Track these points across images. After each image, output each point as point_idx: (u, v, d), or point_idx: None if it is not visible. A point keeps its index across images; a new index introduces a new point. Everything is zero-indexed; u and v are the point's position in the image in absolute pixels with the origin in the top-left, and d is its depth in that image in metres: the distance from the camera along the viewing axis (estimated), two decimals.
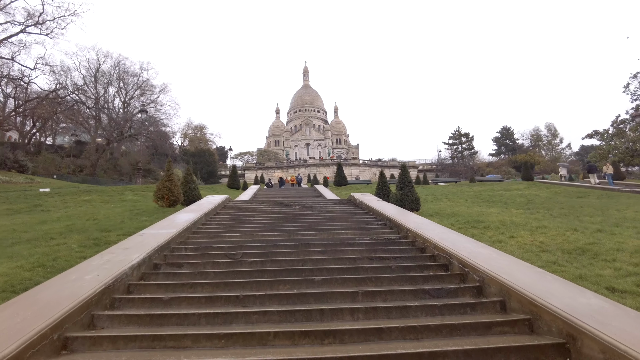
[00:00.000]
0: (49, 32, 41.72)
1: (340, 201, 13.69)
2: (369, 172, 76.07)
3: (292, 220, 9.50)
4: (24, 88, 44.98)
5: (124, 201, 17.73)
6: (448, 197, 21.07)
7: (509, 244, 7.83)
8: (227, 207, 11.90)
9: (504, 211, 14.86)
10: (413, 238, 7.09)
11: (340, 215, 10.25)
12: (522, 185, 27.93)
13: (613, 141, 42.12)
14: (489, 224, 10.34)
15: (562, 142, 78.32)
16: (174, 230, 7.15)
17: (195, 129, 78.34)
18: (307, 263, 5.81)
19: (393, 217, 8.43)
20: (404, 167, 13.88)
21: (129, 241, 6.47)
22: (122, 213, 12.53)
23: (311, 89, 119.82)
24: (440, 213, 13.30)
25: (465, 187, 29.84)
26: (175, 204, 13.15)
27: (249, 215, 10.43)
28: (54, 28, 41.69)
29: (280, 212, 10.87)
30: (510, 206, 16.77)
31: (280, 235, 7.68)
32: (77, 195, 20.01)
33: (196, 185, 15.40)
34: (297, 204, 12.77)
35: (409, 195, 13.00)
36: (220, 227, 8.62)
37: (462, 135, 75.85)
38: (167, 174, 13.20)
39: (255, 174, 64.48)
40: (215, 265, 5.77)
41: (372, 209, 10.52)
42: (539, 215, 13.24)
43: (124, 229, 9.23)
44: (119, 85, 56.88)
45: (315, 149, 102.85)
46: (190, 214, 9.11)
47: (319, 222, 9.28)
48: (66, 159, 52.36)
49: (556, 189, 24.88)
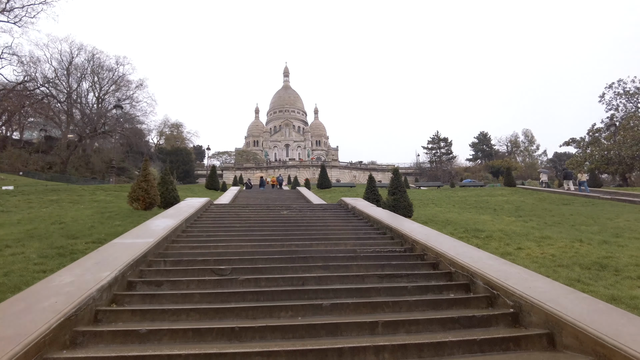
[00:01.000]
0: (17, 21, 39.50)
1: (329, 206, 12.93)
2: (349, 174, 75.73)
3: (282, 227, 8.69)
4: None
5: (96, 202, 16.46)
6: (435, 203, 20.66)
7: (519, 257, 7.28)
8: (209, 211, 10.98)
9: (496, 218, 14.48)
10: (422, 251, 6.42)
11: (334, 223, 9.51)
12: (506, 191, 27.91)
13: (589, 149, 43.02)
14: (490, 233, 9.81)
15: (538, 149, 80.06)
16: (151, 240, 6.24)
17: (172, 127, 76.10)
18: (308, 282, 5.04)
19: (395, 227, 7.74)
20: (396, 172, 13.27)
21: (98, 253, 5.53)
22: (92, 216, 11.40)
23: (291, 90, 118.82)
24: (434, 220, 12.76)
25: (448, 192, 29.64)
26: (152, 206, 12.11)
27: (234, 221, 9.55)
28: (23, 16, 39.51)
29: (267, 218, 10.03)
30: (501, 213, 16.44)
31: (273, 245, 6.87)
32: (43, 195, 18.54)
33: (174, 186, 14.36)
34: (284, 208, 11.96)
35: (401, 201, 12.39)
36: (203, 235, 7.73)
37: (441, 140, 76.50)
38: (143, 174, 12.15)
39: (234, 174, 63.08)
40: (201, 285, 4.93)
41: (367, 216, 9.83)
42: (533, 224, 12.88)
43: (93, 235, 8.20)
44: (93, 79, 54.47)
45: (294, 150, 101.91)
46: (168, 220, 8.17)
47: (312, 230, 8.51)
48: (34, 155, 49.67)
49: (539, 196, 24.88)
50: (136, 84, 56.55)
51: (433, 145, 76.64)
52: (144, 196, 11.73)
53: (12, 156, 46.25)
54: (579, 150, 46.38)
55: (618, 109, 42.84)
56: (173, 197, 13.84)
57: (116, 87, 56.42)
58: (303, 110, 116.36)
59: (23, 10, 39.53)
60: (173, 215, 8.85)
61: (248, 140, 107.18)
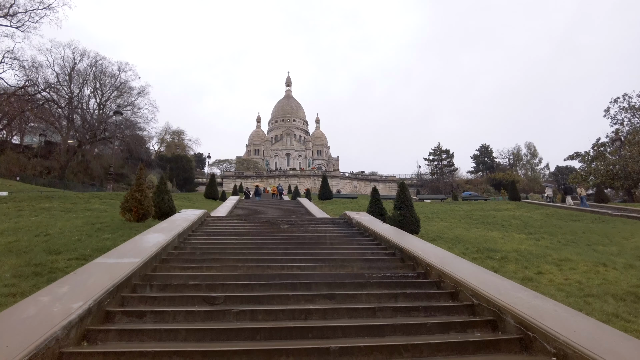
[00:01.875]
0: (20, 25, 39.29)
1: (333, 220, 12.29)
2: (350, 185, 75.10)
3: (282, 245, 8.04)
4: None
5: (89, 210, 15.83)
6: (440, 217, 20.03)
7: (541, 283, 6.63)
8: (204, 225, 10.34)
9: (506, 235, 13.83)
10: (438, 277, 5.77)
11: (338, 240, 8.86)
12: (511, 206, 27.27)
13: (594, 163, 42.44)
14: (505, 254, 9.16)
15: (540, 162, 79.42)
16: (136, 260, 5.60)
17: (173, 134, 75.74)
18: (312, 315, 4.40)
19: (407, 248, 7.08)
20: (402, 185, 12.64)
21: (76, 275, 4.90)
22: (81, 227, 10.77)
23: (293, 100, 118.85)
24: (443, 237, 12.12)
25: (452, 205, 28.99)
26: (145, 218, 11.47)
27: (230, 236, 8.89)
28: (26, 21, 39.32)
29: (267, 234, 9.38)
30: (510, 229, 15.80)
31: (272, 267, 6.23)
32: (36, 202, 17.92)
33: (170, 196, 13.71)
34: (285, 222, 11.32)
35: (408, 216, 11.76)
36: (196, 254, 7.08)
37: (442, 151, 76.00)
38: (137, 183, 11.52)
39: (234, 182, 62.49)
40: (190, 317, 4.29)
41: (374, 233, 9.18)
42: (547, 242, 12.24)
43: (78, 250, 7.57)
44: (95, 85, 54.21)
45: (295, 159, 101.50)
46: (160, 235, 7.53)
47: (315, 248, 7.87)
48: (33, 160, 49.14)
49: (546, 211, 24.24)
50: (138, 91, 56.35)
51: (434, 156, 76.13)
52: (137, 207, 11.10)
53: (10, 160, 45.71)
54: (583, 165, 45.77)
55: (623, 123, 42.35)
56: (169, 207, 13.22)
57: (118, 94, 56.21)
58: (304, 120, 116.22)
59: (26, 15, 39.40)
60: (165, 229, 8.22)
61: (249, 149, 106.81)
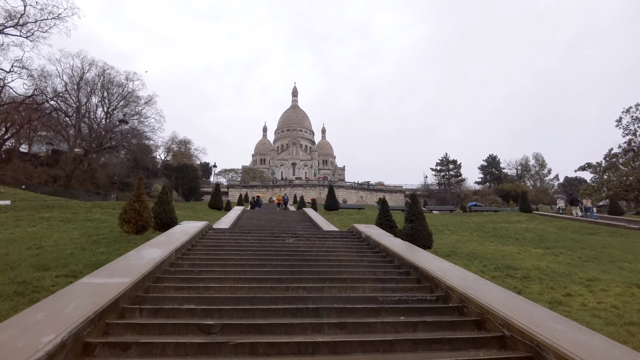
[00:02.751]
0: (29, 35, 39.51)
1: (341, 234, 11.68)
2: (356, 195, 74.37)
3: (287, 262, 7.46)
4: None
5: (89, 221, 15.37)
6: (450, 229, 19.36)
7: (573, 308, 6.00)
8: (205, 238, 9.79)
9: (522, 250, 13.16)
10: (460, 302, 5.18)
11: (347, 257, 8.26)
12: (522, 218, 26.49)
13: (606, 174, 41.52)
14: (526, 271, 8.51)
15: (550, 173, 78.26)
16: (126, 280, 5.07)
17: (179, 144, 75.83)
18: (321, 349, 3.82)
19: (424, 267, 6.46)
20: (413, 197, 12.04)
21: (55, 299, 4.36)
22: (77, 239, 10.28)
23: (299, 109, 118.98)
24: (457, 252, 11.48)
25: (462, 217, 28.26)
26: (144, 229, 10.97)
27: (232, 251, 8.33)
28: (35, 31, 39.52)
29: (271, 248, 8.80)
30: (525, 244, 15.11)
31: (275, 289, 5.65)
32: (36, 211, 17.51)
33: (172, 207, 13.21)
34: (290, 235, 10.75)
35: (420, 230, 11.13)
36: (193, 272, 6.53)
37: (449, 162, 75.20)
38: (136, 193, 11.05)
39: (239, 192, 62.03)
40: (181, 350, 3.73)
41: (385, 249, 8.57)
42: (567, 259, 11.56)
43: (69, 266, 7.06)
44: (102, 94, 54.50)
45: (301, 169, 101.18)
46: (156, 250, 7.00)
47: (322, 266, 7.28)
48: (40, 168, 49.18)
49: (559, 224, 23.45)
50: (145, 100, 56.56)
51: (442, 167, 75.32)
52: (135, 218, 10.61)
53: (16, 169, 45.73)
54: (595, 176, 44.80)
55: (636, 134, 41.39)
56: (170, 218, 12.72)
57: (125, 103, 56.44)
58: (310, 130, 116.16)
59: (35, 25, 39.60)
60: (163, 243, 7.69)
61: (255, 158, 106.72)
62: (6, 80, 41.71)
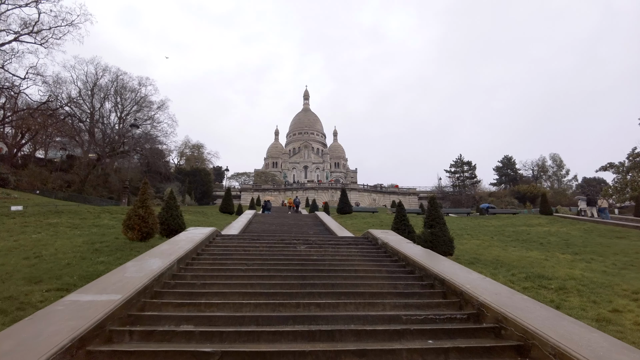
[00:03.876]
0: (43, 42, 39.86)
1: (355, 240, 11.00)
2: (369, 197, 73.44)
3: (298, 272, 6.83)
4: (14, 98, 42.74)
5: (96, 227, 15.03)
6: (469, 233, 18.52)
7: (626, 327, 5.24)
8: (212, 246, 9.22)
9: (549, 256, 12.31)
10: (495, 321, 4.48)
11: (364, 266, 7.58)
12: (543, 220, 25.45)
13: (630, 174, 39.90)
14: (561, 282, 7.73)
15: (568, 174, 76.08)
16: (117, 298, 4.51)
17: (192, 148, 76.08)
18: None
19: (450, 280, 5.73)
20: (432, 200, 11.32)
21: (32, 322, 3.82)
22: (79, 247, 9.84)
23: (311, 113, 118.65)
24: (480, 259, 10.71)
25: (480, 220, 27.35)
26: (150, 236, 10.47)
27: (239, 260, 7.73)
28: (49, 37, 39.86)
29: (281, 257, 8.18)
30: (550, 248, 14.22)
31: (285, 306, 5.01)
32: (44, 217, 17.28)
33: (179, 212, 12.71)
34: (302, 241, 10.12)
35: (440, 236, 10.39)
36: (196, 285, 5.95)
37: (464, 163, 73.77)
38: (140, 199, 10.56)
39: (251, 195, 61.79)
40: None
41: (405, 258, 7.87)
42: (599, 266, 10.70)
43: (63, 277, 6.56)
44: (116, 100, 54.81)
45: (313, 172, 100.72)
46: (156, 261, 6.44)
47: (336, 277, 6.63)
48: (55, 174, 49.61)
49: (583, 226, 22.39)
50: (158, 105, 56.68)
51: (456, 168, 73.91)
52: (139, 225, 10.10)
53: (32, 174, 46.17)
54: (618, 176, 43.10)
55: None
56: (177, 224, 12.23)
57: (138, 108, 56.66)
58: (322, 133, 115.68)
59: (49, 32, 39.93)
60: (165, 252, 7.14)
61: (267, 162, 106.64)
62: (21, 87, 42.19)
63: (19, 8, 37.01)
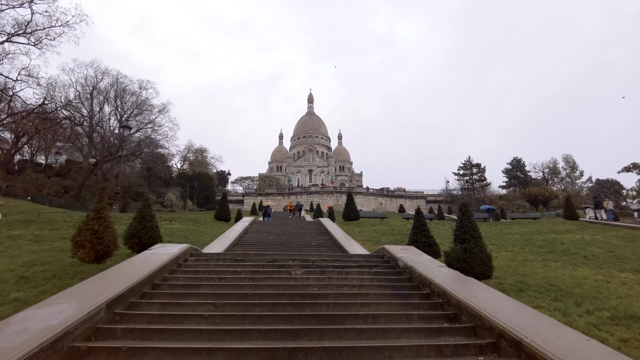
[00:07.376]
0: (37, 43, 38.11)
1: (368, 261, 8.56)
2: (375, 201, 71.03)
3: (287, 322, 4.53)
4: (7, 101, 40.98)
5: (63, 239, 12.80)
6: (494, 243, 16.10)
7: None
8: (177, 272, 6.92)
9: (608, 275, 9.98)
10: None
11: (384, 308, 5.18)
12: (571, 226, 22.92)
13: None
14: None
15: (582, 176, 72.95)
16: None
17: (196, 152, 74.34)
18: None
19: (534, 346, 3.45)
20: (464, 207, 8.94)
21: None
22: (13, 271, 7.61)
23: (315, 116, 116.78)
24: (527, 282, 8.30)
25: (500, 226, 24.81)
26: (106, 256, 8.20)
27: (205, 301, 5.34)
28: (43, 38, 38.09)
29: (267, 290, 5.86)
30: (601, 264, 11.83)
31: None
32: (9, 227, 15.16)
33: (155, 223, 10.51)
34: (300, 262, 7.82)
35: (477, 253, 8.04)
36: (120, 353, 3.70)
37: (473, 165, 71.11)
38: (96, 208, 8.32)
39: (254, 200, 59.62)
40: None
41: (442, 293, 5.53)
42: None
43: None
44: (115, 103, 52.97)
45: (318, 175, 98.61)
46: (69, 307, 4.20)
47: (345, 331, 4.30)
48: (52, 179, 47.89)
49: (619, 233, 19.88)
50: (159, 108, 54.77)
51: (465, 171, 71.27)
52: (92, 242, 7.85)
53: (27, 180, 44.43)
54: None
55: None
56: (151, 237, 10.07)
57: (139, 111, 54.81)
58: (327, 136, 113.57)
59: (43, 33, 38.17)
60: (90, 290, 4.88)
61: (272, 166, 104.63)
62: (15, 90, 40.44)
63: (13, 9, 35.30)
